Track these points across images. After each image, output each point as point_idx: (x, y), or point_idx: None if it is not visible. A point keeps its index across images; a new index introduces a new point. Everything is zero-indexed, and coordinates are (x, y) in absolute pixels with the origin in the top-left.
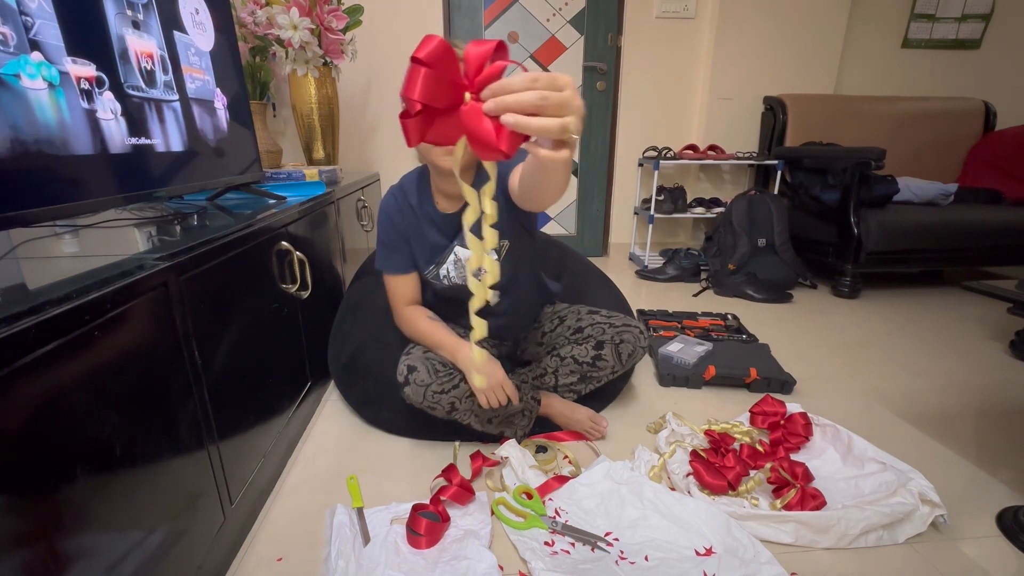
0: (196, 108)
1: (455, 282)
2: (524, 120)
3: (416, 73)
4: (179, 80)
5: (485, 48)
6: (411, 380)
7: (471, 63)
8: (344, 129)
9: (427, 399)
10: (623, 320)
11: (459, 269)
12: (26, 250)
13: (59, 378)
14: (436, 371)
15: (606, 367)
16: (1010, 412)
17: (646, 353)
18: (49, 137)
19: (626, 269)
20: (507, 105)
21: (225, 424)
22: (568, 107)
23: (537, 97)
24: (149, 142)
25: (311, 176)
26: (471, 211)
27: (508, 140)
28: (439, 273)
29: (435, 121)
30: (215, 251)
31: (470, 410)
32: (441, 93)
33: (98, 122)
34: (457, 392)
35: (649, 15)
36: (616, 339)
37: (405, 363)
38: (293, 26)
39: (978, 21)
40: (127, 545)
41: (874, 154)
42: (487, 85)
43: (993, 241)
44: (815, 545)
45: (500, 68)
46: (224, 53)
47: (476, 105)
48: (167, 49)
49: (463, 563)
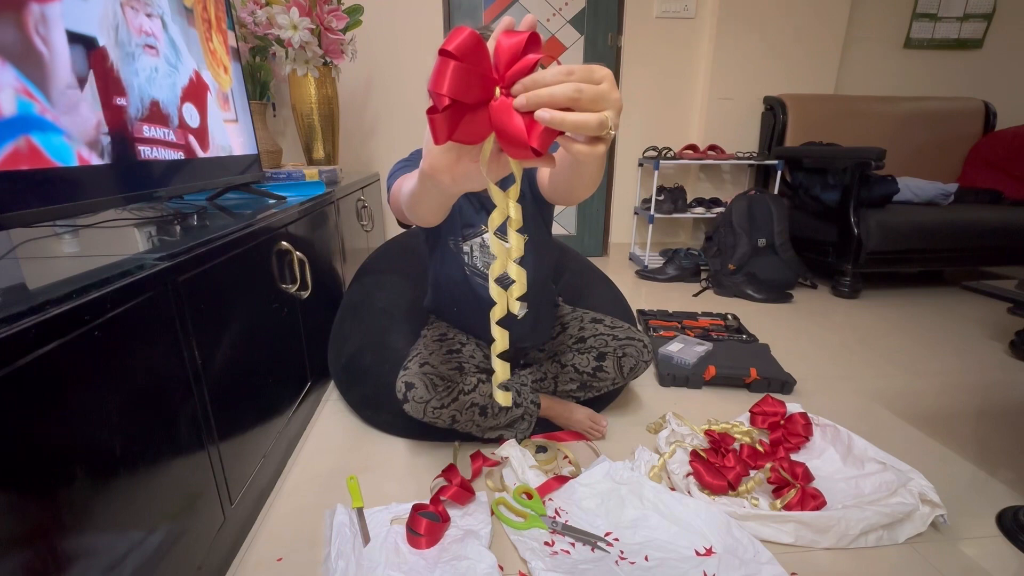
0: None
1: (475, 263)
2: (560, 116)
3: (444, 67)
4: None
5: (517, 40)
6: (410, 398)
7: (502, 56)
8: (344, 129)
9: (427, 415)
10: (627, 332)
11: (483, 255)
12: (26, 250)
13: (59, 378)
14: (435, 386)
15: (607, 379)
16: (1010, 412)
17: (649, 366)
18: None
19: (626, 269)
20: (540, 100)
21: (225, 424)
22: (606, 100)
23: (573, 90)
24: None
25: (311, 176)
26: (497, 213)
27: (540, 137)
28: (463, 247)
29: (464, 117)
30: (215, 251)
31: (471, 420)
32: (471, 88)
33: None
34: (457, 405)
35: (649, 15)
36: (619, 352)
37: (403, 380)
38: (293, 26)
39: (980, 20)
40: (127, 545)
41: (874, 154)
42: (518, 79)
43: (993, 241)
44: (815, 545)
45: (532, 61)
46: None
47: (507, 100)
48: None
49: (463, 563)
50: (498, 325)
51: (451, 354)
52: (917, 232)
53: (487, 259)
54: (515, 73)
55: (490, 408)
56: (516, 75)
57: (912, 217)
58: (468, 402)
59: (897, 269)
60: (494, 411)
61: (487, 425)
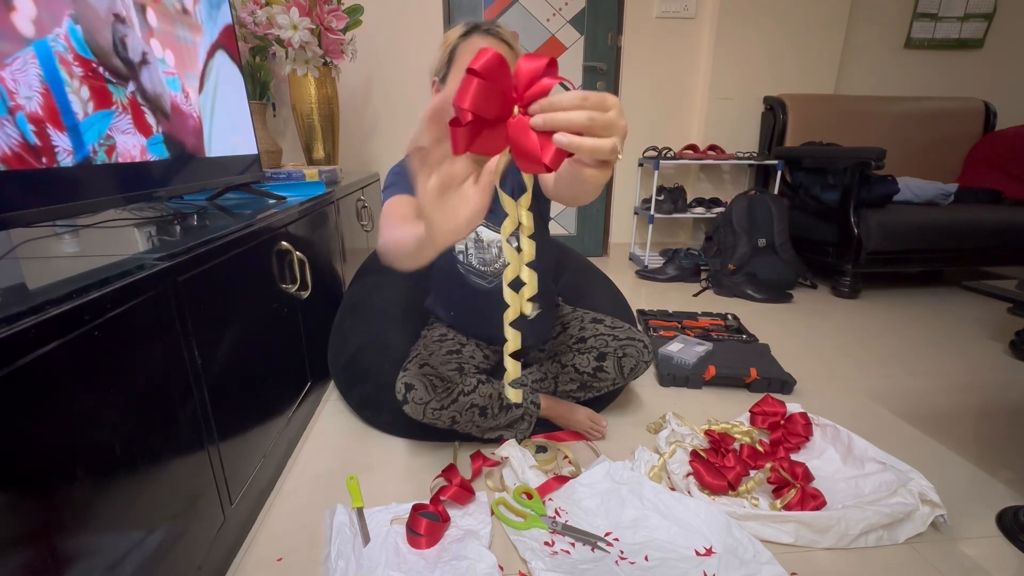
0: (195, 108)
1: (471, 261)
2: (577, 141)
3: (469, 83)
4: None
5: (537, 65)
6: (410, 399)
7: (522, 78)
8: (344, 129)
9: (427, 416)
10: (627, 332)
11: (479, 250)
12: (26, 250)
13: (59, 378)
14: (434, 387)
15: (607, 379)
16: (1010, 412)
17: (649, 367)
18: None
19: (626, 269)
20: (556, 123)
21: (225, 424)
22: (614, 127)
23: (587, 118)
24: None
25: (311, 176)
26: (509, 222)
27: (553, 156)
28: (455, 247)
29: (483, 132)
30: (215, 251)
31: (471, 421)
32: (492, 105)
33: None
34: (456, 407)
35: (649, 15)
36: (619, 352)
37: (403, 381)
38: (293, 26)
39: (980, 20)
40: (127, 545)
41: (874, 154)
42: (536, 100)
43: (993, 241)
44: (815, 545)
45: (549, 86)
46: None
47: (524, 119)
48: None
49: (463, 563)
50: (511, 327)
51: (451, 355)
52: (917, 232)
53: (482, 255)
54: (533, 95)
55: (490, 409)
56: (534, 96)
57: (912, 217)
58: (468, 403)
59: (897, 269)
60: (494, 412)
61: (487, 426)
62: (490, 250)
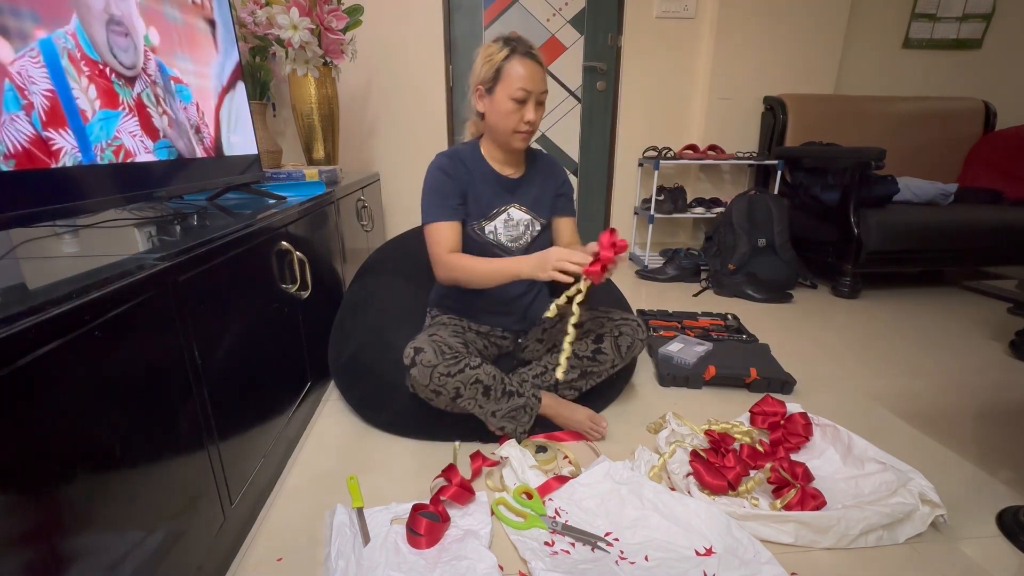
0: (196, 108)
1: (499, 239)
2: (605, 276)
3: (607, 261)
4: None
5: (612, 238)
6: (418, 361)
7: (604, 240)
8: (344, 129)
9: (433, 380)
10: (621, 314)
11: (508, 228)
12: (26, 250)
13: (59, 378)
14: (443, 352)
15: (606, 360)
16: (1010, 412)
17: (645, 346)
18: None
19: (626, 269)
20: (609, 272)
21: (225, 424)
22: (620, 261)
23: (615, 265)
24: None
25: (311, 176)
26: (565, 296)
27: (597, 277)
28: (486, 228)
29: (597, 268)
30: (215, 251)
31: (474, 399)
32: (595, 266)
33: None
34: (463, 377)
35: (649, 15)
36: (615, 332)
37: (412, 345)
38: (293, 26)
39: (979, 21)
40: (127, 545)
41: (874, 154)
42: (611, 254)
43: (993, 241)
44: (815, 545)
45: (623, 246)
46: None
47: (596, 265)
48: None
49: (463, 563)
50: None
51: (457, 336)
52: (917, 232)
53: (510, 232)
54: (607, 248)
55: (494, 390)
56: (607, 249)
57: (912, 217)
58: (473, 377)
59: (897, 269)
60: (497, 395)
61: (489, 408)
62: (518, 228)
